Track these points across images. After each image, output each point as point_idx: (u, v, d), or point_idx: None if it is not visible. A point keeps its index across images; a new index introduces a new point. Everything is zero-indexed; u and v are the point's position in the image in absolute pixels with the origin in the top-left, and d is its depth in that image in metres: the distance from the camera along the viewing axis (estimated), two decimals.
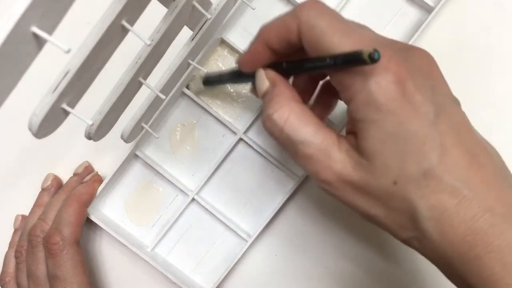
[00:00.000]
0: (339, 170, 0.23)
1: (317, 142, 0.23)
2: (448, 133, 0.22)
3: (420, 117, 0.21)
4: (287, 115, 0.24)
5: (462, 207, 0.21)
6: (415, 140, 0.21)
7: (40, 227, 0.36)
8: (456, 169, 0.21)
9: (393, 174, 0.22)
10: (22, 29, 0.18)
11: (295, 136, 0.24)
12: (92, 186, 0.39)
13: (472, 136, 0.23)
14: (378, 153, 0.22)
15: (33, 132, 0.23)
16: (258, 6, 0.39)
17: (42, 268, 0.36)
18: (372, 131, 0.22)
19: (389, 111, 0.21)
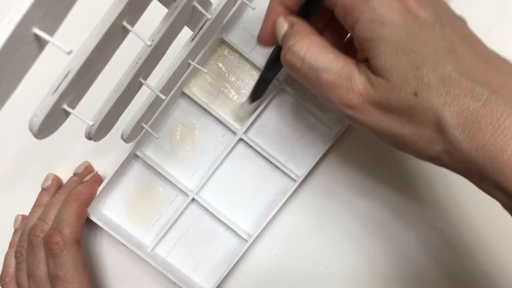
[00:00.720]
0: (362, 91, 0.23)
1: (339, 67, 0.24)
2: (458, 42, 0.22)
3: (426, 29, 0.22)
4: (308, 45, 0.24)
5: (487, 109, 0.20)
6: (426, 48, 0.21)
7: (40, 227, 0.36)
8: (473, 73, 0.21)
9: (412, 85, 0.22)
10: (23, 30, 0.18)
11: (317, 64, 0.24)
12: (92, 186, 0.39)
13: (483, 46, 0.23)
14: (392, 67, 0.22)
15: (34, 133, 0.23)
16: (258, 6, 0.39)
17: (42, 268, 0.36)
18: (382, 46, 0.22)
19: (394, 24, 0.22)
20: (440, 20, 0.22)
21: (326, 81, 0.24)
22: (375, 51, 0.22)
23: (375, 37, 0.22)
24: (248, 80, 0.40)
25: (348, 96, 0.24)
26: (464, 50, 0.22)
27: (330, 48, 0.25)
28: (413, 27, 0.22)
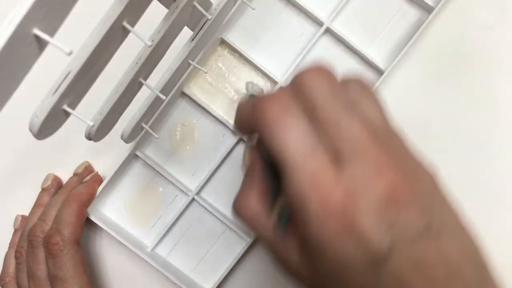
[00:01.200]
0: (296, 273, 0.23)
1: (279, 245, 0.23)
2: (399, 273, 0.20)
3: (367, 257, 0.20)
4: (257, 212, 0.24)
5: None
6: (360, 280, 0.20)
7: (40, 227, 0.36)
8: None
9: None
10: (23, 31, 0.18)
11: (260, 234, 0.24)
12: (92, 186, 0.39)
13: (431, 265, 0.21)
14: (322, 283, 0.22)
15: (34, 133, 0.23)
16: (258, 6, 0.39)
17: (42, 268, 0.36)
18: (316, 261, 0.21)
19: (331, 248, 0.20)
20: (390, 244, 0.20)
21: (269, 249, 0.24)
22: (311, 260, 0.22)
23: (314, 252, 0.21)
24: (248, 80, 0.40)
25: (284, 270, 0.24)
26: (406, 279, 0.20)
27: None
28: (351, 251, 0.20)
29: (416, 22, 0.39)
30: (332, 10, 0.39)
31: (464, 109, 0.39)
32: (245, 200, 0.24)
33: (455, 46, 0.39)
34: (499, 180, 0.39)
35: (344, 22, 0.39)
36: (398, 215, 0.20)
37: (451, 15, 0.39)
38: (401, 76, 0.39)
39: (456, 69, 0.39)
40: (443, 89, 0.39)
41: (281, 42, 0.40)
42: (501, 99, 0.39)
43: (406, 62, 0.39)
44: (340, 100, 0.22)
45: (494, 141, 0.39)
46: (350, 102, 0.22)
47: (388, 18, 0.39)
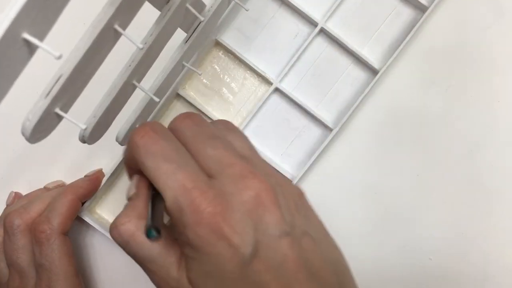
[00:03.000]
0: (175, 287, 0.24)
1: (159, 261, 0.24)
2: (265, 271, 0.22)
3: (236, 259, 0.22)
4: (133, 230, 0.24)
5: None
6: (231, 280, 0.22)
7: (18, 215, 0.36)
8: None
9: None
10: (12, 35, 0.18)
11: (139, 252, 0.24)
12: (92, 182, 0.39)
13: (296, 266, 0.23)
14: (200, 285, 0.23)
15: (26, 137, 0.23)
16: (252, 8, 0.39)
17: (23, 256, 0.35)
18: (195, 266, 0.23)
19: (207, 254, 0.22)
20: (253, 247, 0.22)
21: (146, 268, 0.25)
22: (188, 265, 0.23)
23: (189, 256, 0.23)
24: (243, 81, 0.40)
25: (164, 287, 0.24)
26: (269, 279, 0.22)
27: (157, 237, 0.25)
28: (223, 257, 0.22)
29: (411, 21, 0.39)
30: (327, 10, 0.39)
31: (459, 109, 0.39)
32: (121, 220, 0.25)
33: (450, 46, 0.39)
34: (495, 181, 0.39)
35: (339, 22, 0.39)
36: (263, 216, 0.23)
37: (445, 15, 0.39)
38: (395, 75, 0.39)
39: (451, 69, 0.39)
40: (438, 89, 0.39)
41: (275, 43, 0.40)
42: (497, 100, 0.39)
43: (401, 61, 0.39)
44: (207, 133, 0.26)
45: (490, 141, 0.39)
46: (217, 135, 0.26)
47: (382, 18, 0.39)
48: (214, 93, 0.40)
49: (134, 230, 0.24)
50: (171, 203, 0.23)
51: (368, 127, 0.40)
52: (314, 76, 0.40)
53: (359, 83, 0.40)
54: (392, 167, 0.40)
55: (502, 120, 0.39)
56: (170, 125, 0.27)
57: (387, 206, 0.40)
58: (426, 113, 0.39)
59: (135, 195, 0.26)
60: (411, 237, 0.40)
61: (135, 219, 0.25)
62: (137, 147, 0.25)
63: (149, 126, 0.25)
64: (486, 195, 0.39)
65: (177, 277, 0.24)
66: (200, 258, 0.22)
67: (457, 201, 0.40)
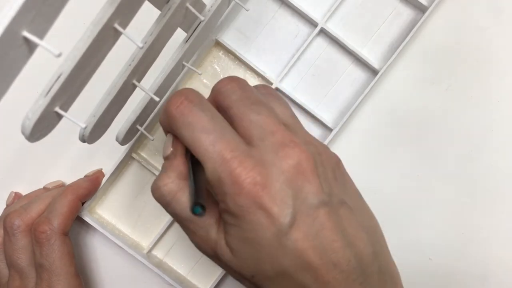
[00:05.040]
0: (214, 248, 0.25)
1: (200, 221, 0.25)
2: (302, 239, 0.23)
3: (274, 229, 0.22)
4: (176, 191, 0.25)
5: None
6: (269, 247, 0.23)
7: (18, 216, 0.36)
8: (307, 271, 0.23)
9: (251, 269, 0.24)
10: (12, 33, 0.18)
11: (181, 212, 0.25)
12: (92, 182, 0.39)
13: (334, 235, 0.23)
14: (238, 250, 0.24)
15: (26, 136, 0.23)
16: (252, 8, 0.39)
17: (23, 257, 0.35)
18: (233, 231, 0.23)
19: (246, 222, 0.23)
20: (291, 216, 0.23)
21: (187, 228, 0.26)
22: (227, 230, 0.24)
23: (228, 223, 0.24)
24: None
25: (203, 247, 0.25)
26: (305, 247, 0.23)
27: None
28: (262, 225, 0.22)
29: (411, 21, 0.39)
30: (327, 10, 0.39)
31: (459, 109, 0.39)
32: (163, 181, 0.25)
33: (450, 46, 0.39)
34: (495, 181, 0.39)
35: (339, 23, 0.40)
36: (302, 186, 0.23)
37: (445, 15, 0.39)
38: (395, 75, 0.39)
39: (451, 69, 0.39)
40: (438, 89, 0.39)
41: (275, 43, 0.40)
42: (496, 100, 0.39)
43: (401, 61, 0.39)
44: (252, 98, 0.25)
45: (489, 141, 0.39)
46: (261, 100, 0.26)
47: (382, 18, 0.39)
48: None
49: (176, 191, 0.25)
50: (211, 173, 0.23)
51: (368, 127, 0.40)
52: (314, 76, 0.40)
53: (359, 83, 0.40)
54: (392, 167, 0.40)
55: (502, 120, 0.39)
56: (215, 87, 0.27)
57: (387, 206, 0.40)
58: (426, 113, 0.39)
59: (173, 155, 0.26)
60: (411, 237, 0.40)
61: (176, 179, 0.25)
62: (173, 118, 0.25)
63: (184, 95, 0.25)
64: (486, 195, 0.39)
65: (215, 238, 0.24)
66: (239, 225, 0.23)
67: (457, 201, 0.40)
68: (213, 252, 0.25)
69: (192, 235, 0.26)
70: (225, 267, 0.26)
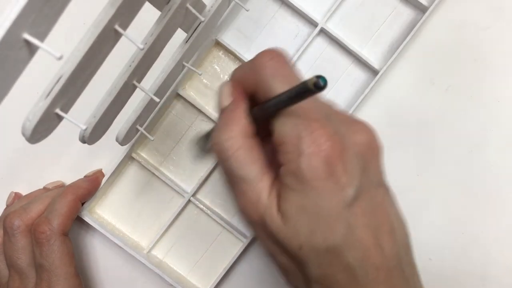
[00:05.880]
0: (261, 214, 0.24)
1: (253, 183, 0.24)
2: (361, 215, 0.23)
3: (338, 198, 0.22)
4: (237, 148, 0.24)
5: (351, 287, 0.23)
6: (327, 218, 0.22)
7: (18, 216, 0.36)
8: (357, 250, 0.22)
9: (301, 240, 0.23)
10: (13, 36, 0.18)
11: (237, 170, 0.24)
12: (92, 183, 0.39)
13: (384, 218, 0.24)
14: (292, 218, 0.23)
15: (27, 137, 0.23)
16: (252, 8, 0.39)
17: (23, 257, 0.35)
18: (293, 197, 0.23)
19: (312, 187, 0.22)
20: (357, 190, 0.22)
21: (238, 188, 0.25)
22: (286, 195, 0.23)
23: (291, 187, 0.23)
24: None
25: (250, 210, 0.24)
26: (362, 225, 0.23)
27: (257, 157, 0.24)
28: (327, 194, 0.22)
29: (411, 21, 0.39)
30: (327, 10, 0.39)
31: (459, 109, 0.39)
32: (226, 135, 0.24)
33: (450, 46, 0.39)
34: (495, 181, 0.39)
35: (339, 23, 0.39)
36: (370, 161, 0.24)
37: (445, 15, 0.39)
38: (396, 76, 0.39)
39: (451, 69, 0.39)
40: (438, 89, 0.39)
41: (275, 43, 0.40)
42: (497, 100, 0.39)
43: (401, 62, 0.39)
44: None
45: (490, 141, 0.39)
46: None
47: (382, 18, 0.39)
48: (214, 93, 0.40)
49: (237, 147, 0.24)
50: (290, 128, 0.23)
51: None
52: None
53: (359, 83, 0.40)
54: (392, 167, 0.40)
55: (502, 120, 0.39)
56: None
57: None
58: (426, 113, 0.39)
59: (234, 105, 0.26)
60: (411, 237, 0.40)
61: (239, 135, 0.25)
62: (265, 68, 0.24)
63: (277, 51, 0.25)
64: (486, 195, 0.39)
65: (266, 203, 0.24)
66: (303, 190, 0.22)
67: (457, 201, 0.40)
68: (259, 217, 0.24)
69: (241, 196, 0.25)
70: (269, 236, 0.24)
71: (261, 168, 0.24)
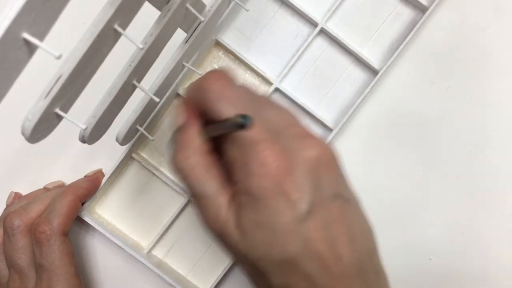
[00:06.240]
0: (221, 228, 0.24)
1: (212, 199, 0.25)
2: (315, 229, 0.23)
3: (291, 214, 0.23)
4: (192, 167, 0.25)
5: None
6: (282, 233, 0.23)
7: (18, 216, 0.36)
8: (314, 261, 0.23)
9: (259, 252, 0.23)
10: (13, 35, 0.18)
11: (196, 188, 0.25)
12: (92, 182, 0.39)
13: (341, 229, 0.24)
14: (249, 232, 0.23)
15: (26, 137, 0.23)
16: (252, 8, 0.39)
17: (23, 257, 0.35)
18: (248, 213, 0.23)
19: (264, 205, 0.23)
20: (310, 205, 0.23)
21: (198, 203, 0.26)
22: (241, 210, 0.24)
23: (245, 204, 0.23)
24: (243, 81, 0.40)
25: (211, 224, 0.25)
26: (316, 238, 0.23)
27: (214, 174, 0.25)
28: (280, 210, 0.23)
29: (411, 21, 0.39)
30: (327, 10, 0.39)
31: (459, 109, 0.39)
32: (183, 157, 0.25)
33: (450, 46, 0.39)
34: (495, 181, 0.39)
35: (339, 23, 0.39)
36: (322, 176, 0.24)
37: (445, 15, 0.39)
38: (396, 76, 0.39)
39: (451, 69, 0.39)
40: (438, 89, 0.39)
41: (275, 43, 0.40)
42: (497, 100, 0.39)
43: (401, 62, 0.39)
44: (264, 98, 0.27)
45: (490, 141, 0.39)
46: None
47: (382, 18, 0.39)
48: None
49: (193, 166, 0.25)
50: (238, 149, 0.24)
51: (368, 127, 0.40)
52: (314, 76, 0.40)
53: (359, 83, 0.40)
54: (392, 167, 0.40)
55: (502, 120, 0.39)
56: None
57: (387, 206, 0.40)
58: (426, 113, 0.39)
59: (186, 125, 0.27)
60: (411, 237, 0.40)
61: (194, 154, 0.25)
62: (210, 92, 0.25)
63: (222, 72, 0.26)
64: (486, 195, 0.39)
65: (225, 218, 0.24)
66: (256, 207, 0.23)
67: (457, 201, 0.40)
68: (219, 231, 0.25)
69: (202, 211, 0.25)
70: (230, 248, 0.25)
71: (218, 185, 0.25)
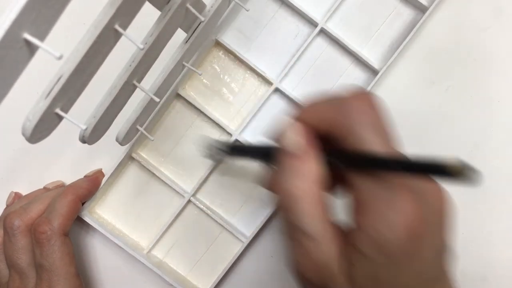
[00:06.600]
0: (327, 278, 0.21)
1: (320, 243, 0.21)
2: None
3: (421, 278, 0.20)
4: (303, 197, 0.21)
5: None
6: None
7: (18, 216, 0.36)
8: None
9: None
10: (13, 36, 0.18)
11: (302, 224, 0.21)
12: (92, 182, 0.39)
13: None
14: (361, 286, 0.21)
15: (27, 137, 0.23)
16: (252, 8, 0.39)
17: (23, 257, 0.35)
18: (368, 267, 0.20)
19: (394, 262, 0.20)
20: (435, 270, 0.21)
21: (302, 243, 0.22)
22: (360, 264, 0.21)
23: (369, 257, 0.20)
24: (243, 81, 0.40)
25: (309, 271, 0.22)
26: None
27: (327, 213, 0.22)
28: (407, 271, 0.20)
29: (411, 21, 0.39)
30: (327, 10, 0.39)
31: (459, 109, 0.39)
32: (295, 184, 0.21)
33: (450, 46, 0.39)
34: (495, 181, 0.39)
35: (339, 23, 0.39)
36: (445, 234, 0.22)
37: (445, 15, 0.39)
38: (395, 76, 0.39)
39: (451, 69, 0.39)
40: (438, 89, 0.39)
41: (275, 43, 0.40)
42: (497, 100, 0.39)
43: (401, 62, 0.39)
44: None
45: (490, 141, 0.39)
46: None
47: (382, 18, 0.39)
48: (214, 93, 0.40)
49: (305, 197, 0.21)
50: (375, 190, 0.20)
51: None
52: (314, 76, 0.40)
53: (359, 83, 0.40)
54: None
55: (502, 120, 0.39)
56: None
57: None
58: (426, 113, 0.39)
59: (305, 152, 0.22)
60: None
61: (310, 185, 0.21)
62: (352, 112, 0.21)
63: (367, 93, 0.22)
64: (486, 195, 0.39)
65: (335, 269, 0.21)
66: (382, 262, 0.20)
67: (457, 201, 0.39)
68: (321, 281, 0.21)
69: (301, 252, 0.21)
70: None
71: (330, 227, 0.21)
